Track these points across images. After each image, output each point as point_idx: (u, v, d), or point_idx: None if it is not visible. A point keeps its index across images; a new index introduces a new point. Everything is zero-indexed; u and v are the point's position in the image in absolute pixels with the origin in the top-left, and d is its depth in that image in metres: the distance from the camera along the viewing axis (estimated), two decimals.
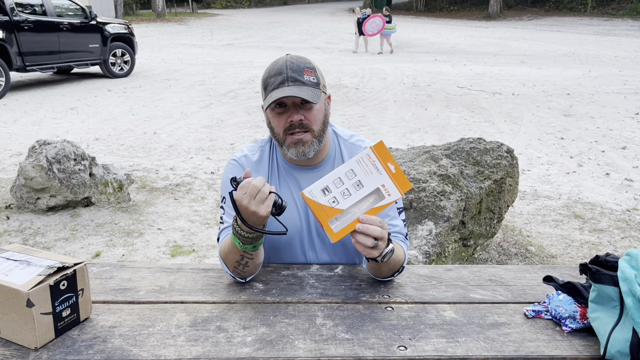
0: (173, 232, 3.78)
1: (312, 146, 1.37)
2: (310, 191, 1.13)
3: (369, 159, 1.15)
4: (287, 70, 1.33)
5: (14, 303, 1.07)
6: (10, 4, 8.98)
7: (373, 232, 1.15)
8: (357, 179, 1.15)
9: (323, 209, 1.13)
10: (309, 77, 1.34)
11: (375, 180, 1.15)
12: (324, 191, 1.13)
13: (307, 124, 1.35)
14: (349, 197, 1.14)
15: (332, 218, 1.13)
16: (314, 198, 1.13)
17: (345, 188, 1.14)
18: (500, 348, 1.11)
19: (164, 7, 29.11)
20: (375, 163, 1.15)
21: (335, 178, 1.14)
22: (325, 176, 1.16)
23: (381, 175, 1.15)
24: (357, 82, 10.45)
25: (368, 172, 1.14)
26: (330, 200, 1.13)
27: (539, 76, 11.09)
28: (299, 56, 1.39)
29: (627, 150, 5.94)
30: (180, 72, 11.74)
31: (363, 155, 1.16)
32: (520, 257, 3.46)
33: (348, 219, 1.14)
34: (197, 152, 5.93)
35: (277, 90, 1.32)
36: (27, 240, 3.59)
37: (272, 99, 1.31)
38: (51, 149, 3.96)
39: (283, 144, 1.38)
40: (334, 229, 1.13)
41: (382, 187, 1.15)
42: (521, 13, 29.38)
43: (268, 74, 1.37)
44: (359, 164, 1.15)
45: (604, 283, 1.10)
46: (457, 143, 3.47)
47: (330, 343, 1.12)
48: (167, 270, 1.46)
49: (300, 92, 1.31)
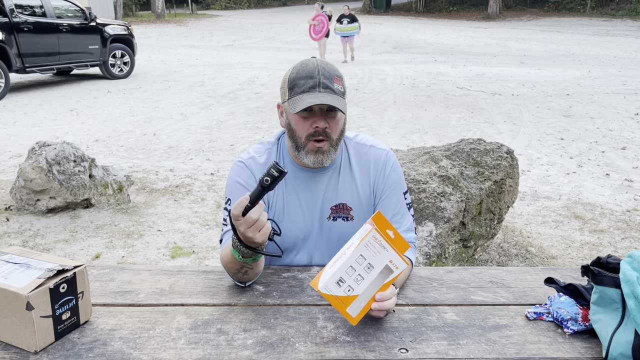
0: (173, 234, 3.78)
1: (330, 155, 1.38)
2: (325, 287, 1.13)
3: (376, 240, 1.16)
4: (319, 76, 1.32)
5: (14, 306, 1.06)
6: (10, 5, 8.98)
7: (388, 306, 1.17)
8: (367, 263, 1.16)
9: (340, 300, 1.14)
10: (338, 85, 1.34)
11: (383, 258, 1.17)
12: (338, 283, 1.14)
13: (329, 133, 1.36)
14: (362, 282, 1.15)
15: (349, 306, 1.15)
16: (330, 292, 1.14)
17: (357, 274, 1.15)
18: (501, 350, 1.11)
19: (163, 8, 29.12)
20: (382, 242, 1.16)
21: (348, 267, 1.15)
22: (337, 266, 1.15)
23: (388, 252, 1.17)
24: (357, 82, 10.45)
25: (376, 252, 1.16)
26: (345, 290, 1.14)
27: (538, 77, 11.09)
28: (328, 62, 1.39)
29: (627, 150, 5.93)
30: (180, 73, 11.74)
31: (370, 239, 1.16)
32: (521, 258, 3.46)
33: (363, 301, 1.15)
34: (196, 153, 5.92)
35: (309, 95, 1.30)
36: (26, 242, 3.58)
37: (306, 104, 1.29)
38: (51, 150, 3.95)
39: (302, 148, 1.38)
40: (352, 314, 1.14)
41: (390, 263, 1.17)
42: (520, 14, 29.39)
43: (297, 74, 1.34)
44: (367, 247, 1.16)
45: (606, 285, 1.09)
46: (457, 144, 3.47)
47: (332, 346, 1.12)
48: (167, 272, 1.46)
49: (334, 101, 1.30)
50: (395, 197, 1.49)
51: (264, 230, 1.17)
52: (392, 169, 1.49)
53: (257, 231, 1.16)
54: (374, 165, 1.49)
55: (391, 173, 1.49)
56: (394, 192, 1.49)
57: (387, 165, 1.49)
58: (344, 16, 13.52)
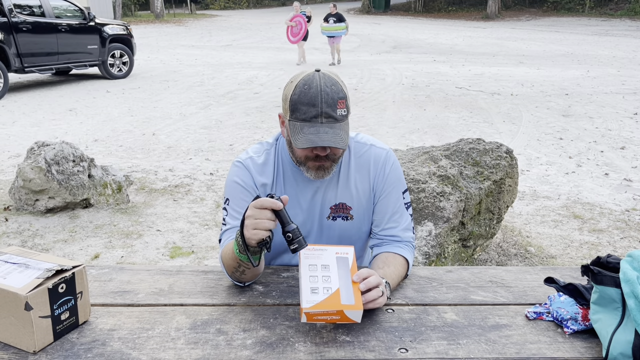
0: (172, 234, 3.77)
1: (331, 170, 1.39)
2: (307, 301, 1.14)
3: (311, 250, 1.24)
4: (321, 104, 1.27)
5: (12, 306, 1.06)
6: (9, 5, 8.96)
7: (373, 282, 1.20)
8: (320, 265, 1.22)
9: (328, 302, 1.14)
10: (341, 110, 1.29)
11: (329, 254, 1.25)
12: (314, 292, 1.16)
13: (332, 155, 1.35)
14: (331, 278, 1.19)
15: (340, 299, 1.16)
16: (315, 302, 1.14)
17: (322, 277, 1.20)
18: (501, 350, 1.11)
19: (162, 8, 29.10)
20: (316, 247, 1.26)
21: (309, 278, 1.19)
22: (302, 285, 1.18)
23: (327, 249, 1.26)
24: (356, 82, 10.44)
25: (318, 255, 1.24)
26: (324, 292, 1.16)
27: (537, 76, 11.10)
28: (332, 79, 1.31)
29: (625, 150, 5.94)
30: (179, 73, 11.73)
31: (305, 252, 1.23)
32: (520, 258, 3.46)
33: (349, 288, 1.18)
34: (196, 153, 5.92)
35: (310, 129, 1.28)
36: (25, 242, 3.58)
37: (306, 143, 1.27)
38: (50, 150, 3.95)
39: (302, 165, 1.38)
40: (350, 303, 1.15)
41: (337, 255, 1.25)
42: (519, 13, 29.40)
43: (298, 97, 1.28)
44: (308, 257, 1.24)
45: (606, 284, 1.09)
46: (456, 144, 3.47)
47: (331, 346, 1.11)
48: (166, 272, 1.45)
49: (335, 138, 1.28)
50: (394, 196, 1.49)
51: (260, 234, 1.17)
52: (392, 169, 1.49)
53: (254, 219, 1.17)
54: (373, 165, 1.48)
55: (391, 172, 1.49)
56: (393, 191, 1.49)
57: (387, 164, 1.49)
58: (330, 15, 12.73)
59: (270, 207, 1.17)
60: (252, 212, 1.18)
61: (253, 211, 1.18)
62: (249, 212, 1.19)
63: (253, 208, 1.18)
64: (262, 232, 1.17)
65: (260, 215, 1.17)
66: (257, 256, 1.24)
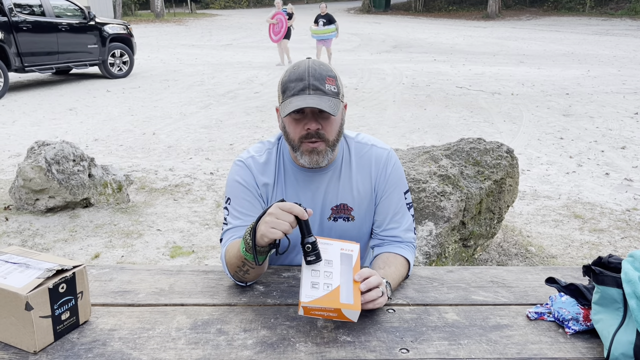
0: (172, 233, 3.77)
1: (326, 155, 1.37)
2: (307, 295, 1.13)
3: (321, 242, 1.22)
4: (309, 77, 1.30)
5: (13, 306, 1.06)
6: (9, 4, 8.96)
7: (374, 282, 1.20)
8: (324, 261, 1.20)
9: (327, 299, 1.14)
10: (330, 86, 1.32)
11: (334, 249, 1.23)
12: (314, 287, 1.15)
13: (324, 134, 1.34)
14: (332, 275, 1.18)
15: (339, 298, 1.15)
16: (314, 297, 1.13)
17: (324, 272, 1.18)
18: (502, 350, 1.11)
19: (162, 7, 29.09)
20: (321, 240, 1.22)
21: (311, 272, 1.18)
22: (302, 279, 1.17)
23: (333, 244, 1.23)
24: (356, 82, 10.44)
25: (324, 250, 1.21)
26: (324, 288, 1.15)
27: (537, 76, 11.09)
28: (321, 62, 1.37)
29: (626, 150, 5.93)
30: (179, 73, 11.73)
31: None
32: (521, 258, 3.46)
33: (349, 287, 1.17)
34: (196, 152, 5.91)
35: (298, 98, 1.30)
36: (25, 242, 3.57)
37: (292, 107, 1.28)
38: (50, 149, 3.95)
39: (297, 149, 1.37)
40: (349, 302, 1.15)
41: (342, 250, 1.23)
42: (520, 13, 29.39)
43: (288, 77, 1.33)
44: None
45: (607, 285, 1.09)
46: (457, 143, 3.46)
47: (332, 346, 1.11)
48: (167, 272, 1.45)
49: (321, 103, 1.28)
50: (396, 196, 1.48)
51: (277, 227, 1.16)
52: (394, 169, 1.49)
53: (270, 227, 1.16)
54: (375, 165, 1.48)
55: (392, 173, 1.48)
56: (395, 191, 1.48)
57: (388, 164, 1.48)
58: (321, 16, 12.08)
59: (296, 214, 1.17)
60: (276, 210, 1.17)
61: (277, 211, 1.17)
62: (272, 210, 1.18)
63: (278, 208, 1.17)
64: (278, 233, 1.16)
65: (283, 216, 1.16)
66: (263, 256, 1.24)
